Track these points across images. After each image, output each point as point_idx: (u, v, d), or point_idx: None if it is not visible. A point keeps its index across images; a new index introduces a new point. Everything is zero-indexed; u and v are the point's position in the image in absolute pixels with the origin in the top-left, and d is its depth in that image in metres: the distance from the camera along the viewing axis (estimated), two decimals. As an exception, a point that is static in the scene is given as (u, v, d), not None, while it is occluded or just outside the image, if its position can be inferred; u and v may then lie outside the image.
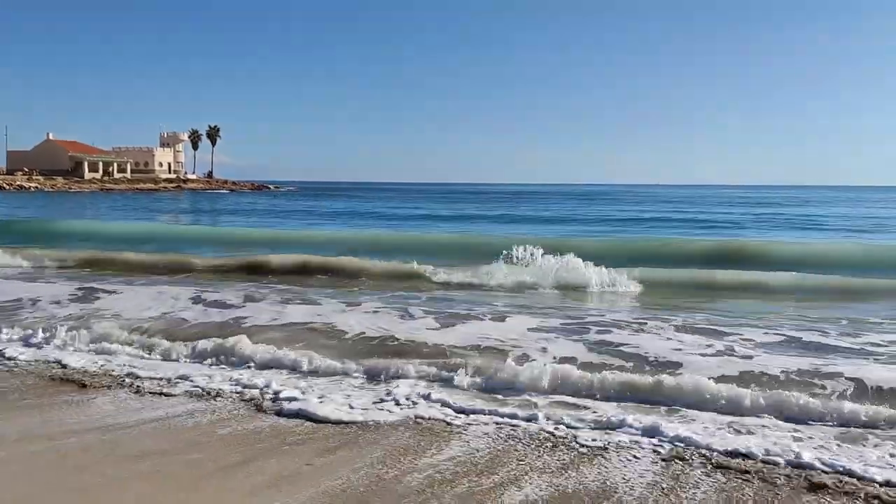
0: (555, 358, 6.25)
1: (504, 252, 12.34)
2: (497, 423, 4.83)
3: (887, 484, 3.84)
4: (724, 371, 5.80)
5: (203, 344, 6.68)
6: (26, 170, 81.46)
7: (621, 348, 6.74)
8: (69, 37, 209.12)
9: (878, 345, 7.00)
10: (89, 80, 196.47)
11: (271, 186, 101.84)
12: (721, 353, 6.51)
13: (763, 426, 4.73)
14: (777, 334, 7.40)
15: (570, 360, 6.22)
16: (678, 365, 6.08)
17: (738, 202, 61.37)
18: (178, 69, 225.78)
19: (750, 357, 6.35)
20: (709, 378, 5.41)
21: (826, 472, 3.98)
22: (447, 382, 5.70)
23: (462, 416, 4.97)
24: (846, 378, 5.56)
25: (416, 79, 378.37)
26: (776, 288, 11.38)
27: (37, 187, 73.71)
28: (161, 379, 5.85)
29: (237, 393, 5.50)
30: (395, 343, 6.97)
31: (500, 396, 5.39)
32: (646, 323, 7.97)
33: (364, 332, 7.37)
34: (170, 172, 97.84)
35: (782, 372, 5.79)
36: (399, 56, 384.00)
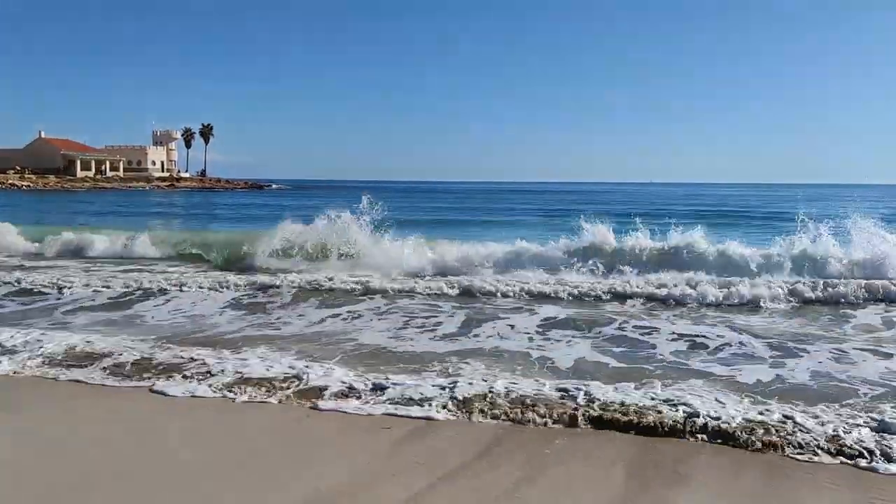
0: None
1: None
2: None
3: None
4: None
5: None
6: (18, 168, 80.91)
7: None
8: (62, 35, 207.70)
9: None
10: (82, 78, 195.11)
11: (270, 186, 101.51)
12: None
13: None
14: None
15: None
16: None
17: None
18: (172, 67, 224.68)
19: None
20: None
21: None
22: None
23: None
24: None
25: (410, 79, 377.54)
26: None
27: (29, 186, 73.27)
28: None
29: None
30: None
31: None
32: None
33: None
34: (163, 171, 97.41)
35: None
36: (394, 55, 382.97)
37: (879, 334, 7.84)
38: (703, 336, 7.67)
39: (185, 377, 5.88)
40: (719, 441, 4.50)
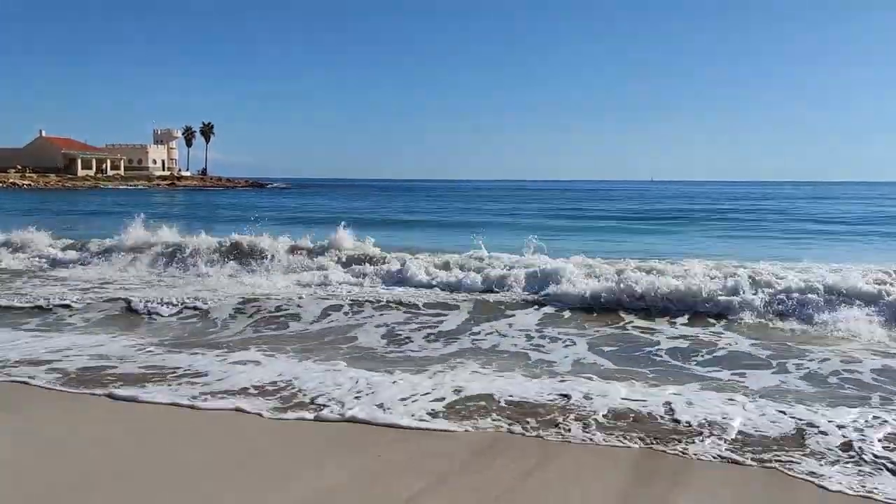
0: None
1: None
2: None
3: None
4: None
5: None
6: (19, 167, 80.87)
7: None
8: (63, 35, 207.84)
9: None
10: (83, 77, 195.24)
11: (271, 184, 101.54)
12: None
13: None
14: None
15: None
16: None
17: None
18: (172, 67, 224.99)
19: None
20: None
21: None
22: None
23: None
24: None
25: (408, 78, 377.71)
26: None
27: (29, 185, 73.28)
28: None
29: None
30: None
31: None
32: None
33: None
34: (164, 170, 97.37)
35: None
36: (393, 55, 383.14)
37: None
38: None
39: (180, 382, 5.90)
40: (722, 445, 4.50)
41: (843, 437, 4.53)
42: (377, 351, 7.07)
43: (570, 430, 4.69)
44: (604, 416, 4.94)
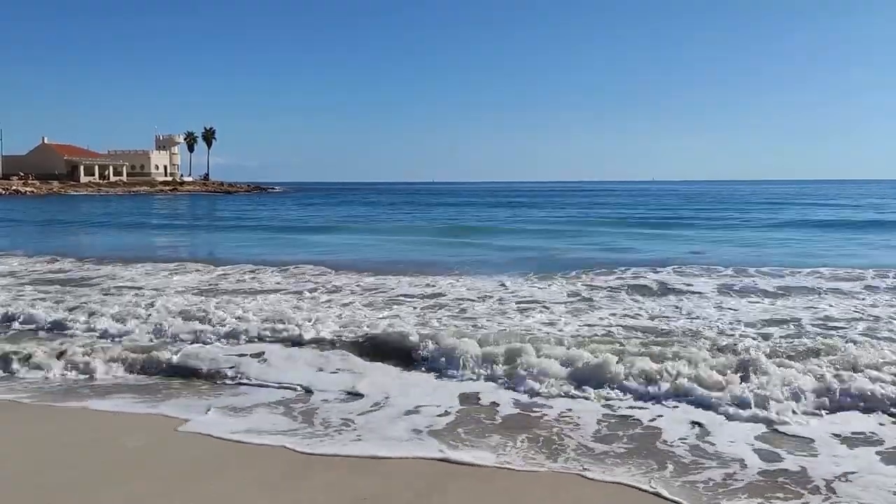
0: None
1: None
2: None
3: None
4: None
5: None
6: (22, 174, 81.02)
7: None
8: (64, 40, 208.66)
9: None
10: (84, 81, 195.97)
11: (273, 188, 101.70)
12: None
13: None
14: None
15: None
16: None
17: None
18: (170, 72, 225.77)
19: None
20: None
21: None
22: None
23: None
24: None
25: (407, 79, 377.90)
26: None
27: (32, 192, 73.37)
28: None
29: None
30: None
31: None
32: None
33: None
34: (166, 175, 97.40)
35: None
36: (390, 56, 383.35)
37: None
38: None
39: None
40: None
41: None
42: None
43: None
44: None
